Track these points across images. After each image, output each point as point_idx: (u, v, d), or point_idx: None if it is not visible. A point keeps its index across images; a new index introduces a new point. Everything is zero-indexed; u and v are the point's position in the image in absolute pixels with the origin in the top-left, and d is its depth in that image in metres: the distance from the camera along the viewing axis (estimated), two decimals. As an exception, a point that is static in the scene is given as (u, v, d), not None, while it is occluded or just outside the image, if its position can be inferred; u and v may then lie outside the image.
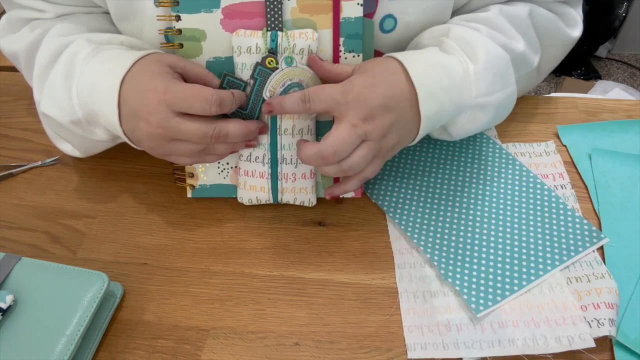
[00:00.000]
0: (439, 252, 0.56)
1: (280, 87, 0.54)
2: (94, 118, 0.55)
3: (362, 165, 0.52)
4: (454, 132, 0.59)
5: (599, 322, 0.49)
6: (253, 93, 0.55)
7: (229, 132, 0.52)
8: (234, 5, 0.53)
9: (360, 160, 0.51)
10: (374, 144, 0.51)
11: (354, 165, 0.51)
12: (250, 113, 0.56)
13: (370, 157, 0.52)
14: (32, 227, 0.63)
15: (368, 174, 0.54)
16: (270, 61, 0.54)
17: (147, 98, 0.51)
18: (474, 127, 0.58)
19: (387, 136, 0.52)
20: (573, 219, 0.58)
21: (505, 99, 0.57)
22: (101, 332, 0.53)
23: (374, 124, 0.50)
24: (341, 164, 0.51)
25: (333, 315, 0.53)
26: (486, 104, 0.55)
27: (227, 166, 0.61)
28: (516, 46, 0.58)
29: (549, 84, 2.06)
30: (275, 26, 0.54)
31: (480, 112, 0.56)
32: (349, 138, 0.50)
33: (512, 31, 0.59)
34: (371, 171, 0.54)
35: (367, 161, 0.52)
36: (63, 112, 0.56)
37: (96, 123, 0.56)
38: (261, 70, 0.54)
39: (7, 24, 0.65)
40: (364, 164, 0.52)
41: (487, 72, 0.54)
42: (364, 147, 0.51)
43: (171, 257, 0.59)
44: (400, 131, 0.53)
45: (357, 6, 0.53)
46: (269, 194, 0.59)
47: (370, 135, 0.51)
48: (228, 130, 0.52)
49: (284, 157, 0.58)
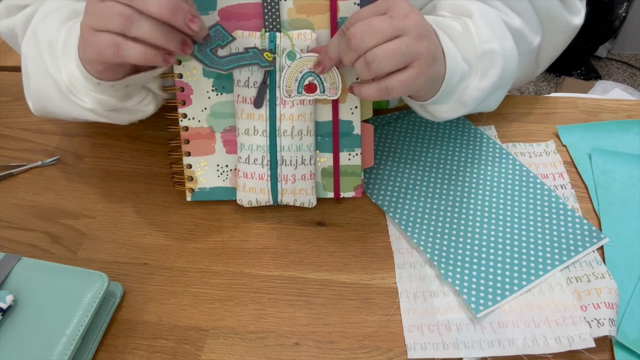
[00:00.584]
0: (439, 252, 0.56)
1: (295, 82, 0.54)
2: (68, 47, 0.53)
3: (389, 62, 0.46)
4: (469, 97, 0.56)
5: (599, 322, 0.49)
6: (238, 55, 0.53)
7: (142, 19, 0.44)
8: (230, 7, 0.53)
9: (389, 53, 0.45)
10: (410, 40, 0.46)
11: (380, 57, 0.45)
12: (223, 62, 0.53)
13: (402, 56, 0.46)
14: (32, 227, 0.63)
15: (394, 83, 0.47)
16: (267, 55, 0.53)
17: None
18: (487, 85, 0.56)
19: (424, 39, 0.47)
20: (573, 219, 0.58)
21: (509, 51, 0.56)
22: (101, 332, 0.53)
23: (415, 20, 0.46)
24: (366, 55, 0.46)
25: (333, 315, 0.53)
26: (492, 50, 0.55)
27: (227, 169, 0.61)
28: (511, 21, 0.60)
29: (549, 84, 2.06)
30: (273, 27, 0.54)
31: (489, 62, 0.55)
32: (380, 25, 0.45)
33: (506, 9, 0.60)
34: (398, 81, 0.47)
35: (396, 59, 0.46)
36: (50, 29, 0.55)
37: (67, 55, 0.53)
38: (256, 53, 0.53)
39: (4, 9, 0.65)
40: (393, 61, 0.46)
41: (483, 21, 0.55)
42: (397, 41, 0.46)
43: (171, 257, 0.59)
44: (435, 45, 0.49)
45: (354, 6, 0.53)
46: (269, 195, 0.59)
47: (408, 30, 0.45)
48: (141, 17, 0.44)
49: (284, 158, 0.57)
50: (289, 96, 0.55)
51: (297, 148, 0.57)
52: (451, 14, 0.57)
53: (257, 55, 0.54)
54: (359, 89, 0.51)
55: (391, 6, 0.47)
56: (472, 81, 0.56)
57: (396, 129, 0.70)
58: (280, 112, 0.56)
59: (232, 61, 0.54)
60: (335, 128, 0.58)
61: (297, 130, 0.57)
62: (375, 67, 0.46)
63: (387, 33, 0.46)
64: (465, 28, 0.55)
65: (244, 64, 0.54)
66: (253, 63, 0.54)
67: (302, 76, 0.54)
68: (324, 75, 0.54)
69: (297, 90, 0.55)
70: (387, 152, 0.67)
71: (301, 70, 0.54)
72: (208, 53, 0.53)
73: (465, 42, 0.54)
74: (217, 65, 0.53)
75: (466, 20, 0.55)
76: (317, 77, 0.54)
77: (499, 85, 0.58)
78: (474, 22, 0.55)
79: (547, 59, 0.70)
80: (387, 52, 0.46)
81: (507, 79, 0.59)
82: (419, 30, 0.47)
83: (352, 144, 0.59)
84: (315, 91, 0.55)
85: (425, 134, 0.68)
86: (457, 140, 0.67)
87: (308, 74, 0.54)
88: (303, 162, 0.58)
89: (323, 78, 0.54)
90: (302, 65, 0.54)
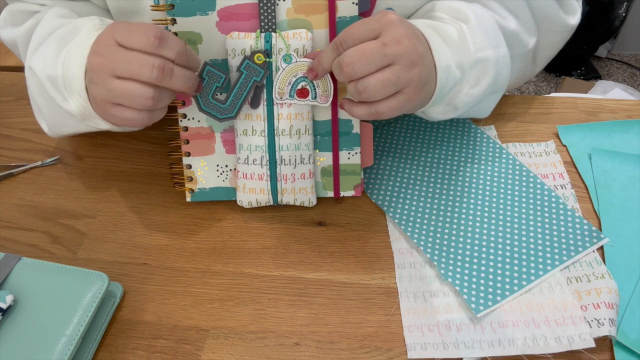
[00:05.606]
0: (439, 252, 0.56)
1: (287, 85, 0.54)
2: (70, 82, 0.54)
3: (379, 92, 0.48)
4: (460, 102, 0.57)
5: (599, 322, 0.49)
6: (237, 87, 0.54)
7: (174, 69, 0.48)
8: (229, 8, 0.53)
9: (379, 84, 0.47)
10: (400, 69, 0.47)
11: (371, 88, 0.47)
12: (229, 107, 0.55)
13: (392, 86, 0.48)
14: (32, 227, 0.63)
15: (383, 109, 0.49)
16: (259, 57, 0.53)
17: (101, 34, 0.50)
18: (478, 92, 0.57)
19: (416, 66, 0.48)
20: (573, 219, 0.58)
21: (502, 59, 0.57)
22: (101, 332, 0.53)
23: (407, 46, 0.47)
24: (357, 84, 0.48)
25: (333, 315, 0.53)
26: (486, 59, 0.55)
27: (227, 169, 0.61)
28: (507, 24, 0.60)
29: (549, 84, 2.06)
30: (269, 27, 0.54)
31: (482, 70, 0.56)
32: (372, 53, 0.46)
33: (503, 11, 0.60)
34: (387, 107, 0.49)
35: (386, 90, 0.48)
36: (46, 65, 0.55)
37: (71, 89, 0.54)
38: (248, 65, 0.54)
39: (9, 15, 0.65)
40: (382, 92, 0.48)
41: (479, 28, 0.55)
42: (387, 71, 0.47)
43: (171, 257, 0.59)
44: (426, 69, 0.50)
45: (353, 5, 0.53)
46: (269, 195, 0.59)
47: (400, 58, 0.47)
48: (174, 67, 0.48)
49: (283, 158, 0.57)
50: (280, 98, 0.55)
51: (295, 147, 0.57)
52: (449, 16, 0.57)
53: (250, 68, 0.54)
54: (350, 107, 0.52)
55: (385, 28, 0.48)
56: (464, 87, 0.56)
57: (396, 129, 0.70)
58: (277, 111, 0.56)
59: (235, 100, 0.55)
60: (335, 127, 0.58)
61: (295, 129, 0.57)
62: (365, 96, 0.48)
63: (379, 62, 0.47)
64: (461, 34, 0.55)
65: (245, 94, 0.54)
66: (251, 86, 0.54)
67: (295, 80, 0.54)
68: (317, 81, 0.54)
69: (289, 93, 0.55)
70: (387, 151, 0.67)
71: (295, 75, 0.54)
72: (212, 101, 0.55)
73: (460, 49, 0.54)
74: (226, 114, 0.55)
75: (462, 26, 0.55)
76: (310, 82, 0.54)
77: (490, 92, 0.59)
78: (470, 28, 0.55)
79: (544, 58, 0.70)
80: (377, 83, 0.47)
81: (500, 86, 0.59)
82: (410, 57, 0.48)
83: (351, 143, 0.59)
84: (307, 96, 0.55)
85: (425, 133, 0.68)
86: (457, 140, 0.67)
87: (302, 79, 0.54)
88: (302, 161, 0.58)
89: (316, 84, 0.55)
90: (297, 70, 0.54)
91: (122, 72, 0.48)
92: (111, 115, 0.51)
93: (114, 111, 0.50)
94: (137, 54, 0.47)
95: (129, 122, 0.50)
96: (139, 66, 0.47)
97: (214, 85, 0.54)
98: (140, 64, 0.47)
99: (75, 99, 0.54)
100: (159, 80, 0.47)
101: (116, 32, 0.48)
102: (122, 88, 0.48)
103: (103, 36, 0.50)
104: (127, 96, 0.48)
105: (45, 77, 0.55)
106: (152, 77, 0.47)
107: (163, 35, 0.47)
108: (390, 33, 0.48)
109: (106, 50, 0.48)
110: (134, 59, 0.47)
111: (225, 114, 0.55)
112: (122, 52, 0.48)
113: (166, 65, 0.47)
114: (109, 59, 0.48)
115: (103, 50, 0.49)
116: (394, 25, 0.48)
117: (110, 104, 0.50)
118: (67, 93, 0.55)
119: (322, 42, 0.55)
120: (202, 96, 0.54)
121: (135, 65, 0.47)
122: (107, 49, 0.48)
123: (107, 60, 0.48)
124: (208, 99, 0.54)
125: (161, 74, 0.47)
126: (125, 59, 0.47)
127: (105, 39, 0.49)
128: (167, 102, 0.50)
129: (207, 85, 0.54)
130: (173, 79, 0.48)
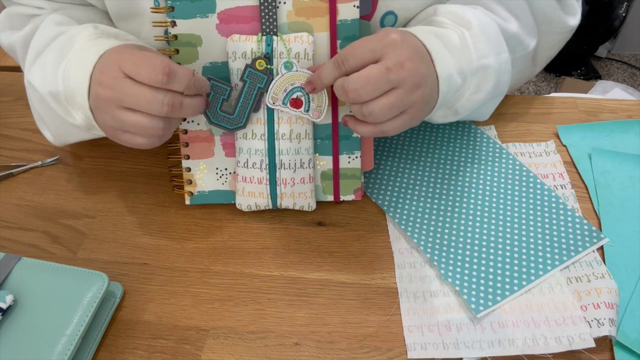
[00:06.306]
0: (439, 252, 0.56)
1: (283, 92, 0.54)
2: (72, 96, 0.53)
3: (384, 115, 0.48)
4: (461, 107, 0.58)
5: (599, 322, 0.49)
6: (242, 96, 0.54)
7: (184, 102, 0.49)
8: (229, 10, 0.53)
9: (384, 108, 0.48)
10: (404, 93, 0.48)
11: (376, 112, 0.48)
12: (238, 117, 0.55)
13: (396, 109, 0.48)
14: (32, 227, 0.63)
15: (388, 128, 0.50)
16: (261, 63, 0.53)
17: (106, 61, 0.50)
18: (479, 98, 0.57)
19: (419, 88, 0.49)
20: (573, 219, 0.58)
21: (503, 65, 0.57)
22: (101, 332, 0.53)
23: (411, 70, 0.47)
24: (362, 107, 0.48)
25: (333, 315, 0.53)
26: (487, 66, 0.55)
27: (226, 172, 0.61)
28: (509, 26, 0.59)
29: (549, 84, 2.06)
30: (270, 30, 0.53)
31: (483, 78, 0.56)
32: (377, 80, 0.47)
33: (505, 13, 0.60)
34: (392, 127, 0.50)
35: (391, 112, 0.48)
36: (46, 81, 0.55)
37: (74, 103, 0.54)
38: (251, 73, 0.53)
39: (7, 18, 0.65)
40: (387, 114, 0.48)
41: (481, 35, 0.55)
42: (392, 95, 0.48)
43: (171, 257, 0.59)
44: (430, 87, 0.51)
45: (354, 8, 0.53)
46: (268, 199, 0.59)
47: (403, 82, 0.47)
48: (183, 100, 0.48)
49: (282, 162, 0.57)
50: (272, 103, 0.54)
51: (295, 151, 0.57)
52: (451, 22, 0.56)
53: (253, 76, 0.53)
54: (354, 126, 0.53)
55: (387, 50, 0.48)
56: (465, 93, 0.56)
57: (396, 129, 0.70)
58: (278, 115, 0.56)
59: (243, 109, 0.55)
60: (335, 131, 0.58)
61: (296, 134, 0.56)
62: (371, 119, 0.49)
63: (383, 87, 0.47)
64: (463, 41, 0.54)
65: (252, 103, 0.54)
66: (256, 93, 0.54)
67: (292, 89, 0.54)
68: (312, 95, 0.54)
69: (283, 101, 0.54)
70: (387, 151, 0.67)
71: (292, 83, 0.54)
72: (220, 114, 0.55)
73: (462, 56, 0.54)
74: (236, 125, 0.55)
75: (465, 32, 0.55)
76: (306, 94, 0.54)
77: (491, 97, 0.59)
78: (472, 35, 0.55)
79: (544, 58, 0.70)
80: (382, 107, 0.48)
81: (501, 91, 0.60)
82: (413, 80, 0.48)
83: (352, 147, 0.59)
84: (300, 108, 0.54)
85: (426, 133, 0.68)
86: (457, 139, 0.67)
87: (298, 89, 0.54)
88: (302, 165, 0.58)
89: (311, 97, 0.54)
90: (295, 79, 0.54)
91: (131, 105, 0.48)
92: (121, 140, 0.51)
93: (124, 137, 0.51)
94: (145, 89, 0.47)
95: (139, 146, 0.51)
96: (148, 103, 0.47)
97: (220, 98, 0.54)
98: (150, 101, 0.47)
99: (79, 112, 0.54)
100: (168, 114, 0.48)
101: (123, 63, 0.48)
102: (132, 120, 0.48)
103: (108, 66, 0.49)
104: (138, 127, 0.48)
105: (47, 93, 0.55)
106: (162, 113, 0.47)
107: (171, 70, 0.47)
108: (393, 57, 0.48)
109: (113, 82, 0.48)
110: (142, 95, 0.47)
111: (235, 124, 0.55)
112: (131, 86, 0.47)
113: (175, 100, 0.48)
114: (117, 91, 0.48)
115: (109, 82, 0.48)
116: (397, 48, 0.48)
117: (120, 130, 0.50)
118: (70, 107, 0.55)
119: (323, 46, 0.54)
120: (211, 110, 0.55)
121: (144, 101, 0.47)
122: (113, 81, 0.48)
123: (114, 93, 0.48)
124: (216, 112, 0.55)
125: (171, 109, 0.47)
126: (134, 94, 0.47)
127: (112, 69, 0.48)
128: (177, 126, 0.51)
129: (214, 99, 0.54)
130: (183, 110, 0.49)
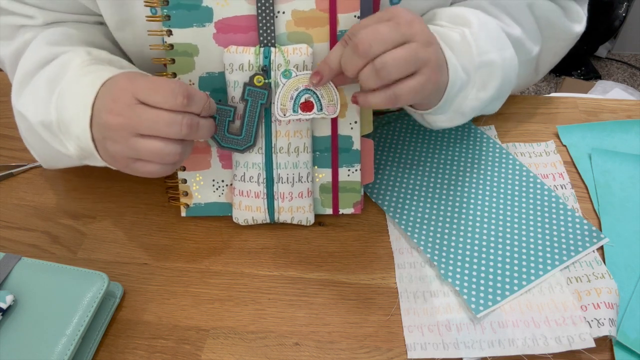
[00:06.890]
0: (439, 252, 0.56)
1: (290, 100, 0.52)
2: (67, 127, 0.52)
3: (398, 69, 0.45)
4: (467, 107, 0.57)
5: (599, 322, 0.49)
6: (246, 115, 0.53)
7: (200, 123, 0.48)
8: (227, 19, 0.51)
9: (399, 60, 0.45)
10: (418, 46, 0.46)
11: (389, 64, 0.45)
12: (246, 137, 0.54)
13: (411, 62, 0.46)
14: (32, 227, 0.63)
15: (402, 91, 0.47)
16: (259, 79, 0.52)
17: (114, 89, 0.49)
18: (486, 96, 0.56)
19: (431, 45, 0.47)
20: (573, 219, 0.58)
21: (508, 61, 0.56)
22: (101, 332, 0.53)
23: (420, 27, 0.46)
24: (374, 62, 0.45)
25: (333, 315, 0.53)
26: (491, 62, 0.55)
27: (222, 184, 0.60)
28: (512, 31, 0.59)
29: (549, 84, 2.06)
30: (268, 42, 0.52)
31: (488, 74, 0.55)
32: (388, 31, 0.45)
33: (507, 19, 0.60)
34: (407, 89, 0.47)
35: (406, 66, 0.45)
36: (37, 111, 0.54)
37: (68, 133, 0.53)
38: (251, 90, 0.52)
39: None
40: (402, 69, 0.45)
41: (482, 32, 0.55)
42: (405, 47, 0.45)
43: (171, 257, 0.59)
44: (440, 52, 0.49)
45: (354, 19, 0.51)
46: (265, 214, 0.59)
47: (415, 36, 0.45)
48: (199, 121, 0.48)
49: (280, 176, 0.56)
50: (284, 115, 0.52)
51: (293, 165, 0.56)
52: (450, 23, 0.56)
53: (254, 93, 0.53)
54: (364, 97, 0.49)
55: (395, 14, 0.47)
56: (471, 92, 0.56)
57: (396, 130, 0.70)
58: (276, 128, 0.55)
59: (249, 129, 0.54)
60: (335, 143, 0.57)
61: (294, 147, 0.55)
62: (384, 74, 0.45)
63: (395, 39, 0.45)
64: (464, 38, 0.54)
65: (257, 120, 0.54)
66: (260, 110, 0.53)
67: (297, 94, 0.52)
68: (321, 92, 0.52)
69: (293, 109, 0.52)
70: (387, 152, 0.67)
71: (297, 88, 0.52)
72: (229, 136, 0.54)
73: (464, 53, 0.54)
74: (246, 145, 0.55)
75: (465, 30, 0.55)
76: (314, 94, 0.52)
77: (498, 95, 0.58)
78: (473, 32, 0.54)
79: (546, 65, 0.69)
80: (396, 59, 0.45)
81: (507, 89, 0.59)
82: (425, 36, 0.47)
83: (351, 160, 0.58)
84: (313, 109, 0.52)
85: (426, 134, 0.68)
86: (457, 140, 0.67)
87: (304, 92, 0.52)
88: (300, 180, 0.57)
89: (320, 95, 0.52)
90: (298, 83, 0.52)
91: (147, 131, 0.47)
92: (132, 169, 0.50)
93: (136, 166, 0.50)
94: (163, 113, 0.47)
95: (151, 175, 0.50)
96: (167, 125, 0.47)
97: (226, 120, 0.53)
98: (168, 123, 0.47)
99: (73, 143, 0.53)
100: (186, 136, 0.48)
101: (136, 90, 0.47)
102: (149, 147, 0.48)
103: (119, 94, 0.48)
104: (154, 154, 0.48)
105: (38, 123, 0.54)
106: (181, 135, 0.47)
107: (190, 93, 0.47)
108: (402, 17, 0.47)
109: (126, 110, 0.47)
110: (161, 118, 0.47)
111: (244, 144, 0.55)
112: (147, 111, 0.47)
113: (193, 121, 0.48)
114: (131, 118, 0.47)
115: (123, 110, 0.47)
116: (403, 12, 0.47)
117: (133, 159, 0.49)
118: (63, 137, 0.54)
119: (323, 56, 0.52)
120: (219, 134, 0.54)
121: (163, 124, 0.47)
122: (127, 109, 0.47)
123: (129, 120, 0.47)
124: (224, 134, 0.54)
125: (189, 129, 0.47)
126: (152, 118, 0.47)
127: (124, 97, 0.48)
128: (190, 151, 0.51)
129: (220, 122, 0.53)
130: (199, 131, 0.49)
